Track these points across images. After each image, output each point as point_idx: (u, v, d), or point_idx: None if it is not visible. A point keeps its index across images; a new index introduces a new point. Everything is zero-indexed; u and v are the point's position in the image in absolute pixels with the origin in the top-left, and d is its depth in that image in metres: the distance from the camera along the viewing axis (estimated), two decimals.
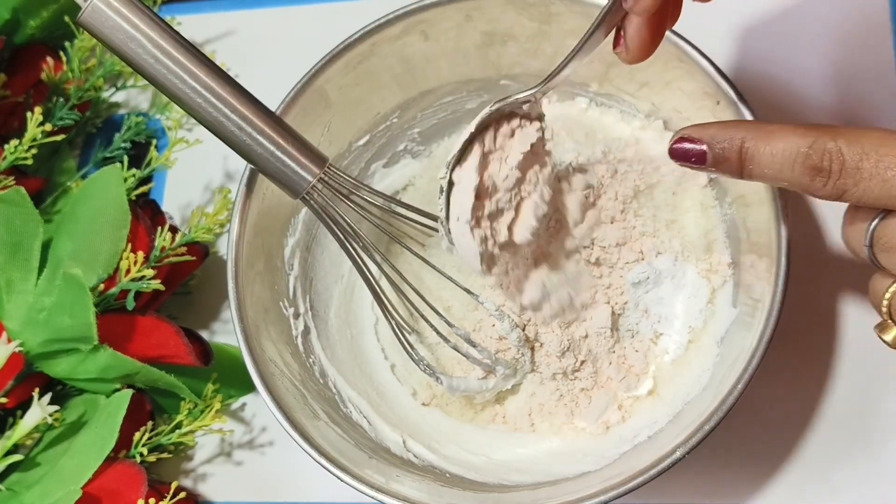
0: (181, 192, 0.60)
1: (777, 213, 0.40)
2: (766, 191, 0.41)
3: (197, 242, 0.53)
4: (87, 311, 0.46)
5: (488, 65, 0.50)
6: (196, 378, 0.52)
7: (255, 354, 0.43)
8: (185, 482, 0.53)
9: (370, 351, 0.51)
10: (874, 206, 0.34)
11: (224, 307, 0.57)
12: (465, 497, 0.43)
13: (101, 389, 0.50)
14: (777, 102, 0.52)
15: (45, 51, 0.60)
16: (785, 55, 0.54)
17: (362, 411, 0.48)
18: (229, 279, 0.45)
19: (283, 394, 0.43)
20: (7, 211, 0.48)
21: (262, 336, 0.45)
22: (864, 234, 0.35)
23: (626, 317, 0.47)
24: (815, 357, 0.48)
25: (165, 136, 0.60)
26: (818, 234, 0.50)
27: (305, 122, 0.47)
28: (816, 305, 0.49)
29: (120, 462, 0.48)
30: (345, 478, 0.41)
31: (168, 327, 0.49)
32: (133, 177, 0.55)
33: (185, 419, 0.50)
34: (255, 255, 0.47)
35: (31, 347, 0.48)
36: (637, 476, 0.38)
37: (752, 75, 0.53)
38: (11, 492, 0.47)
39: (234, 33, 0.64)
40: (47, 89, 0.59)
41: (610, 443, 0.46)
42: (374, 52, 0.47)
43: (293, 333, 0.48)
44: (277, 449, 0.53)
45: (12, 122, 0.58)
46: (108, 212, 0.50)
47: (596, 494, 0.39)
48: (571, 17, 0.46)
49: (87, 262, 0.48)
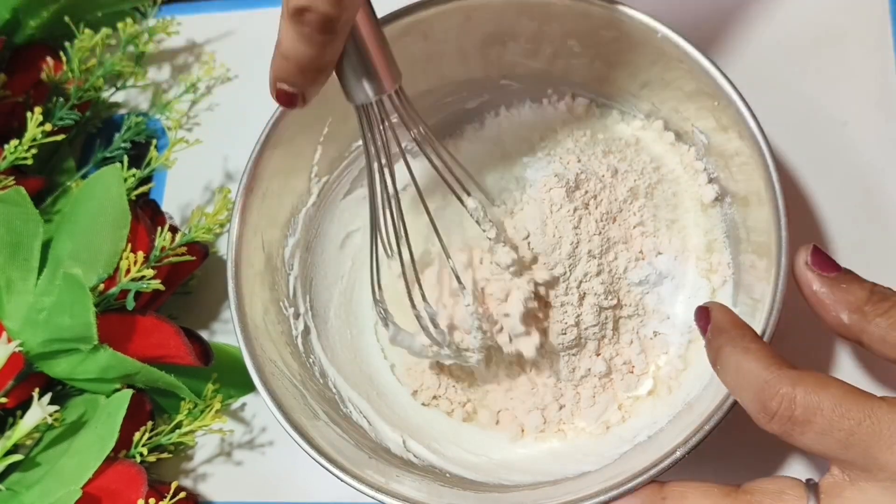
0: (181, 192, 0.60)
1: (777, 213, 0.40)
2: (766, 191, 0.41)
3: (197, 242, 0.53)
4: (87, 311, 0.46)
5: (488, 65, 0.50)
6: (196, 378, 0.52)
7: (255, 354, 0.43)
8: (185, 482, 0.53)
9: (370, 351, 0.51)
10: (818, 456, 0.35)
11: (224, 307, 0.57)
12: (465, 497, 0.43)
13: (101, 389, 0.50)
14: (777, 102, 0.52)
15: (45, 51, 0.59)
16: (784, 55, 0.54)
17: (362, 411, 0.48)
18: (229, 279, 0.45)
19: (283, 394, 0.43)
20: (7, 211, 0.48)
21: (262, 336, 0.45)
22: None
23: (626, 317, 0.47)
24: (815, 357, 0.48)
25: (165, 136, 0.60)
26: (818, 234, 0.50)
27: (306, 122, 0.47)
28: None
29: (120, 462, 0.48)
30: (345, 478, 0.41)
31: (168, 327, 0.49)
32: (133, 177, 0.55)
33: (185, 419, 0.50)
34: (255, 255, 0.47)
35: (31, 347, 0.48)
36: (637, 476, 0.38)
37: (752, 75, 0.53)
38: (11, 492, 0.47)
39: (234, 33, 0.64)
40: (47, 89, 0.59)
41: (610, 443, 0.46)
42: None
43: (293, 333, 0.48)
44: (277, 449, 0.53)
45: (12, 122, 0.58)
46: (108, 212, 0.50)
47: (596, 494, 0.39)
48: (571, 17, 0.46)
49: (87, 262, 0.48)
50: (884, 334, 0.36)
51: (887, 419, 0.33)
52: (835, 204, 0.50)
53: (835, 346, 0.48)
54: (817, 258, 0.38)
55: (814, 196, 0.51)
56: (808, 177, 0.51)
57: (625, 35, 0.45)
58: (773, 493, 0.35)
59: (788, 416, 0.34)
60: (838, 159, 0.51)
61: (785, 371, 0.35)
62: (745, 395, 0.36)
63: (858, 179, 0.50)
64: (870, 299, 0.37)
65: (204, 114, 0.62)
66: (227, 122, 0.61)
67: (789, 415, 0.34)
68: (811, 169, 0.51)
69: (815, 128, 0.52)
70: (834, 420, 0.33)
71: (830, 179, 0.51)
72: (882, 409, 0.33)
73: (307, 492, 0.51)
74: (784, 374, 0.35)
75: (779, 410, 0.34)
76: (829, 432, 0.33)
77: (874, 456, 0.33)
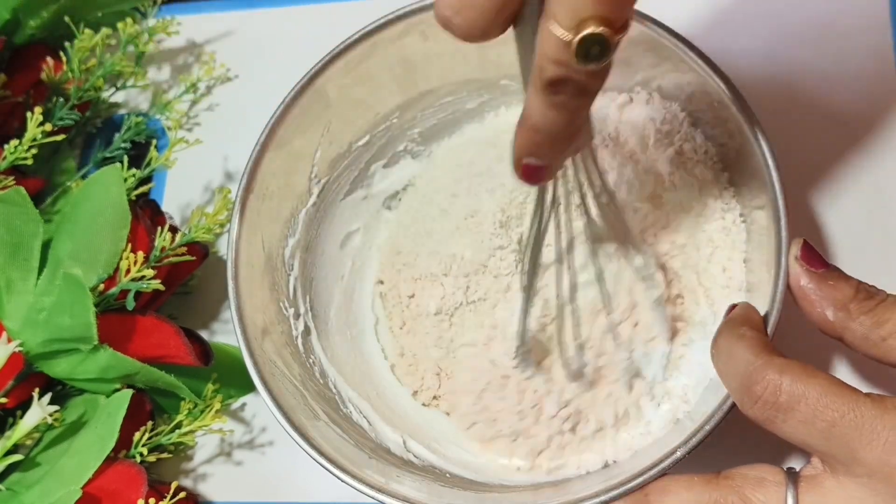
0: (181, 192, 0.60)
1: (777, 213, 0.40)
2: (767, 190, 0.41)
3: (197, 242, 0.53)
4: (87, 311, 0.46)
5: (488, 65, 0.50)
6: (196, 378, 0.52)
7: (255, 355, 0.43)
8: (185, 482, 0.53)
9: (370, 351, 0.51)
10: (799, 446, 0.35)
11: (224, 307, 0.57)
12: (465, 497, 0.43)
13: (101, 389, 0.50)
14: (777, 103, 0.52)
15: (45, 51, 0.59)
16: (784, 55, 0.54)
17: (362, 411, 0.48)
18: (229, 279, 0.45)
19: (283, 394, 0.43)
20: (7, 211, 0.48)
21: (262, 336, 0.45)
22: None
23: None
24: (815, 357, 0.48)
25: (165, 136, 0.60)
26: (818, 234, 0.50)
27: (305, 123, 0.47)
28: None
29: (120, 462, 0.48)
30: (345, 478, 0.41)
31: (168, 327, 0.49)
32: (133, 177, 0.55)
33: (185, 419, 0.50)
34: (255, 255, 0.47)
35: (31, 347, 0.48)
36: (637, 476, 0.38)
37: (751, 75, 0.53)
38: (11, 492, 0.47)
39: (234, 33, 0.64)
40: (47, 89, 0.59)
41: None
42: (374, 53, 0.47)
43: (293, 334, 0.48)
44: (277, 449, 0.53)
45: (12, 122, 0.58)
46: (108, 212, 0.50)
47: (596, 494, 0.39)
48: None
49: (87, 262, 0.48)
50: (866, 332, 0.36)
51: (870, 415, 0.33)
52: (835, 204, 0.50)
53: (835, 346, 0.48)
54: (806, 253, 0.39)
55: (814, 196, 0.51)
56: (808, 177, 0.51)
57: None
58: (753, 479, 0.36)
59: (773, 401, 0.34)
60: (838, 159, 0.51)
61: (774, 358, 0.35)
62: (731, 379, 0.37)
63: (859, 180, 0.50)
64: (855, 297, 0.37)
65: (204, 114, 0.62)
66: (227, 122, 0.61)
67: (774, 400, 0.34)
68: (811, 169, 0.51)
69: (814, 128, 0.52)
70: (818, 410, 0.34)
71: (831, 179, 0.51)
72: (866, 405, 0.33)
73: (307, 492, 0.51)
74: (772, 361, 0.35)
75: (763, 395, 0.35)
76: (812, 422, 0.34)
77: (854, 449, 0.33)
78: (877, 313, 0.36)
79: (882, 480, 0.33)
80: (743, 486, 0.36)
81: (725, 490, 0.36)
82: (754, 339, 0.37)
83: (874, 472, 0.33)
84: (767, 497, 0.35)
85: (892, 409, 0.33)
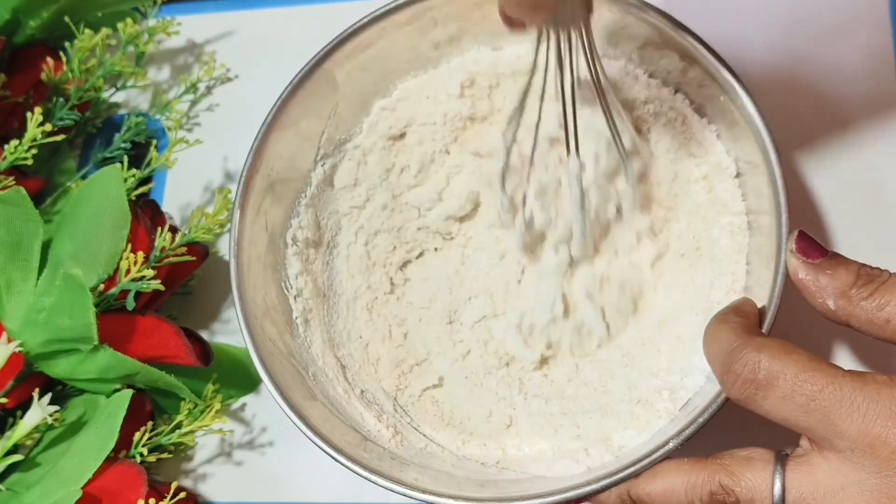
0: (181, 192, 0.60)
1: (777, 213, 0.40)
2: (768, 190, 0.41)
3: (197, 242, 0.53)
4: (87, 312, 0.46)
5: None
6: (196, 378, 0.52)
7: (260, 352, 0.44)
8: (185, 482, 0.53)
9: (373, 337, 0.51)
10: (781, 423, 0.35)
11: (224, 307, 0.57)
12: (466, 483, 0.43)
13: (101, 390, 0.50)
14: (777, 102, 0.52)
15: (45, 51, 0.59)
16: (784, 55, 0.54)
17: (362, 397, 0.48)
18: (232, 278, 0.45)
19: (283, 374, 0.44)
20: (7, 211, 0.48)
21: (266, 334, 0.45)
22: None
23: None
24: (824, 347, 0.48)
25: (165, 136, 0.60)
26: (820, 233, 0.50)
27: (313, 105, 0.48)
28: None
29: (120, 462, 0.48)
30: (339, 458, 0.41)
31: (168, 328, 0.49)
32: (133, 177, 0.55)
33: (185, 419, 0.50)
34: (258, 235, 0.47)
35: (31, 347, 0.48)
36: (630, 466, 0.39)
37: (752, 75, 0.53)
38: (11, 492, 0.47)
39: (234, 33, 0.64)
40: (47, 89, 0.59)
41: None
42: (382, 37, 0.48)
43: (298, 331, 0.48)
44: (277, 449, 0.53)
45: (12, 122, 0.58)
46: (108, 212, 0.50)
47: (587, 483, 0.39)
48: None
49: (87, 263, 0.48)
50: (870, 317, 0.36)
51: (849, 387, 0.33)
52: (836, 204, 0.50)
53: (835, 346, 0.48)
54: (802, 244, 0.38)
55: (815, 196, 0.51)
56: (809, 177, 0.51)
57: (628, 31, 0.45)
58: (741, 458, 0.36)
59: (752, 378, 0.35)
60: (839, 159, 0.51)
61: (753, 338, 0.36)
62: (714, 361, 0.37)
63: (859, 179, 0.50)
64: (855, 283, 0.37)
65: (204, 114, 0.62)
66: (227, 122, 0.61)
67: (752, 378, 0.35)
68: (812, 169, 0.51)
69: (815, 127, 0.52)
70: (797, 385, 0.34)
71: (831, 179, 0.51)
72: (845, 378, 0.34)
73: (307, 492, 0.51)
74: (751, 340, 0.36)
75: (742, 373, 0.35)
76: (791, 397, 0.34)
77: (833, 422, 0.33)
78: (877, 297, 0.36)
79: (864, 452, 0.33)
80: (731, 465, 0.36)
81: (714, 469, 0.37)
82: (738, 324, 0.37)
83: (856, 444, 0.33)
84: (755, 475, 0.36)
85: (872, 381, 0.34)
